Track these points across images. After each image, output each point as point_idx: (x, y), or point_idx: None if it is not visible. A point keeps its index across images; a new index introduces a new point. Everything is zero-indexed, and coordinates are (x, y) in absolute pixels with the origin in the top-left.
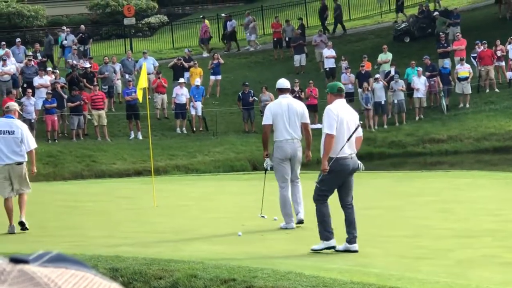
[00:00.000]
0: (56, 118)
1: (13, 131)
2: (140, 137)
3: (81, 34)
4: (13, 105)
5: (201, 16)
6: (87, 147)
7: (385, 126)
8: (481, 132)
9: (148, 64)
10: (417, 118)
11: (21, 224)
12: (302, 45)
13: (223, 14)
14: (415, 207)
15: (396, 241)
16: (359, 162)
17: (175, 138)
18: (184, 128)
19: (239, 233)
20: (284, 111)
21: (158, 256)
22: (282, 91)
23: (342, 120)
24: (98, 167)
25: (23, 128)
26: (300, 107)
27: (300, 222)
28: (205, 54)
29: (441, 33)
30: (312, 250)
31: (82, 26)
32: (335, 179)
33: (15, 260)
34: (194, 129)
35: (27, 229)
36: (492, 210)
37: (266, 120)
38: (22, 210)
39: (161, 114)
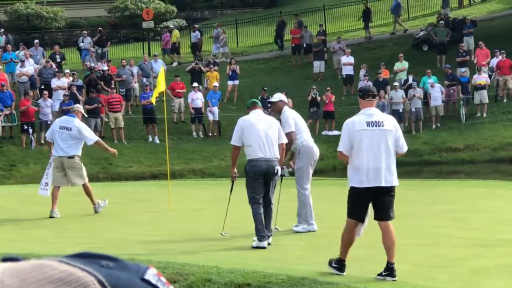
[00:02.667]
0: None
1: (71, 128)
2: (157, 141)
3: (99, 35)
4: (78, 106)
5: (171, 26)
6: None
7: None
8: (498, 142)
9: (157, 67)
10: (433, 126)
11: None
12: (322, 51)
13: (196, 25)
14: (430, 215)
15: (411, 249)
16: (278, 167)
17: (192, 142)
18: (200, 133)
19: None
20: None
21: (173, 259)
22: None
23: (250, 128)
24: (114, 170)
25: (80, 126)
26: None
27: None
28: (175, 64)
29: (461, 43)
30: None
31: (100, 28)
32: (252, 180)
33: (6, 259)
34: (210, 134)
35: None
36: (507, 220)
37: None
38: (91, 199)
39: (178, 118)
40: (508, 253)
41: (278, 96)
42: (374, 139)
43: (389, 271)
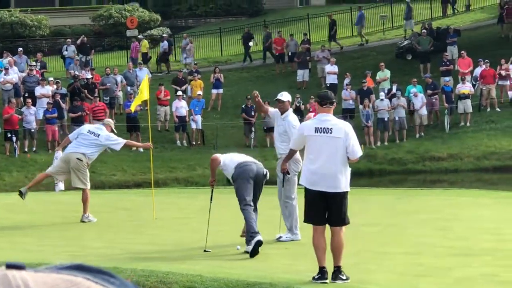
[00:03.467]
0: (56, 128)
1: (99, 134)
2: (141, 149)
3: (82, 42)
4: (109, 121)
5: (139, 36)
6: None
7: (386, 143)
8: (481, 151)
9: (142, 75)
10: (417, 135)
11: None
12: (306, 60)
13: (164, 34)
14: (414, 224)
15: (395, 258)
16: (266, 170)
17: (175, 151)
18: (184, 141)
19: (237, 246)
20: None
21: (156, 268)
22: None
23: None
24: (97, 178)
25: (108, 135)
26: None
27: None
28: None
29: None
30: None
31: (83, 36)
32: (244, 180)
33: (10, 266)
34: (193, 142)
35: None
36: (491, 229)
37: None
38: (84, 206)
39: (162, 126)
40: (492, 262)
41: (287, 96)
42: (321, 145)
43: (321, 273)
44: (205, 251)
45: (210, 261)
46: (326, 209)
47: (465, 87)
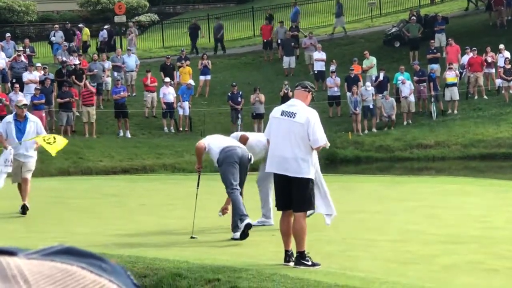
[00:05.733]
0: (44, 114)
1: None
2: (129, 135)
3: (68, 29)
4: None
5: (79, 25)
6: (75, 143)
7: (374, 130)
8: (468, 139)
9: (131, 62)
10: (405, 123)
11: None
12: (293, 47)
13: (106, 26)
14: (402, 211)
15: (382, 245)
16: (250, 154)
17: (163, 137)
18: (172, 127)
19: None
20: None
21: (143, 254)
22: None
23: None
24: (84, 164)
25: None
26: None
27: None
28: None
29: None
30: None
31: (68, 23)
32: (230, 164)
33: (2, 251)
34: (180, 128)
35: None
36: (478, 217)
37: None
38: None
39: (150, 112)
40: (479, 250)
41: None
42: (283, 128)
43: (287, 257)
44: (192, 237)
45: (197, 248)
46: (289, 194)
47: (452, 75)
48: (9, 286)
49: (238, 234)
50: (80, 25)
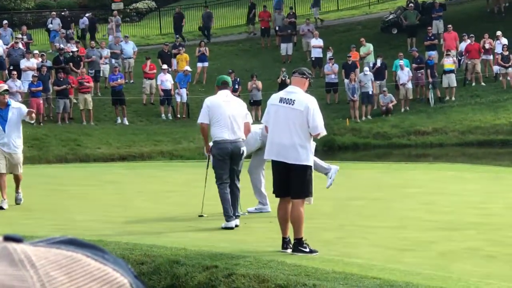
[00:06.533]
0: (41, 101)
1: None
2: (126, 122)
3: (65, 16)
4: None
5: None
6: (72, 131)
7: (369, 117)
8: (466, 126)
9: (128, 49)
10: (402, 110)
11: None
12: (290, 34)
13: (88, 14)
14: (399, 198)
15: (380, 232)
16: (243, 148)
17: (160, 124)
18: (169, 114)
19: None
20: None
21: (141, 241)
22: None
23: (218, 109)
24: (82, 151)
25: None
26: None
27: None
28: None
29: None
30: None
31: (66, 11)
32: (219, 161)
33: (8, 238)
34: (178, 115)
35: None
36: (476, 203)
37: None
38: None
39: (147, 100)
40: (476, 236)
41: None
42: (282, 115)
43: (285, 244)
44: (200, 215)
45: (195, 234)
46: (288, 181)
47: (449, 61)
48: (16, 270)
49: (232, 224)
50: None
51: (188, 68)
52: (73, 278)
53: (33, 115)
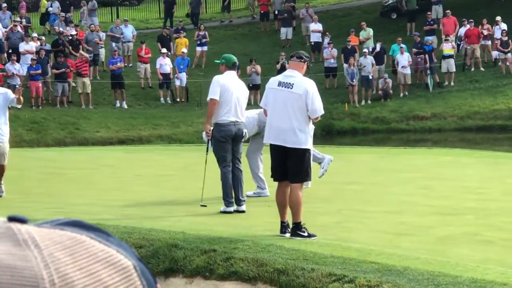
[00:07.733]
0: (40, 85)
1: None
2: (125, 106)
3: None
4: None
5: None
6: (71, 114)
7: (369, 102)
8: (465, 111)
9: (127, 32)
10: (401, 94)
11: None
12: (290, 18)
13: None
14: (397, 183)
15: (378, 217)
16: (245, 130)
17: (159, 108)
18: (168, 98)
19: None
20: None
21: (139, 225)
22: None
23: (227, 89)
24: (81, 134)
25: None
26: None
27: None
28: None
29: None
30: (220, 211)
31: None
32: (222, 143)
33: (12, 218)
34: (177, 99)
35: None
36: (474, 188)
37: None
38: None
39: (146, 83)
40: (474, 222)
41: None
42: (281, 99)
43: (283, 228)
44: (201, 205)
45: (193, 218)
46: (285, 165)
47: (448, 46)
48: (20, 250)
49: (231, 208)
50: None
51: (184, 50)
52: (77, 259)
53: (21, 97)
